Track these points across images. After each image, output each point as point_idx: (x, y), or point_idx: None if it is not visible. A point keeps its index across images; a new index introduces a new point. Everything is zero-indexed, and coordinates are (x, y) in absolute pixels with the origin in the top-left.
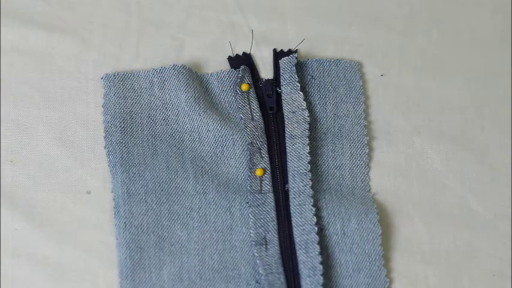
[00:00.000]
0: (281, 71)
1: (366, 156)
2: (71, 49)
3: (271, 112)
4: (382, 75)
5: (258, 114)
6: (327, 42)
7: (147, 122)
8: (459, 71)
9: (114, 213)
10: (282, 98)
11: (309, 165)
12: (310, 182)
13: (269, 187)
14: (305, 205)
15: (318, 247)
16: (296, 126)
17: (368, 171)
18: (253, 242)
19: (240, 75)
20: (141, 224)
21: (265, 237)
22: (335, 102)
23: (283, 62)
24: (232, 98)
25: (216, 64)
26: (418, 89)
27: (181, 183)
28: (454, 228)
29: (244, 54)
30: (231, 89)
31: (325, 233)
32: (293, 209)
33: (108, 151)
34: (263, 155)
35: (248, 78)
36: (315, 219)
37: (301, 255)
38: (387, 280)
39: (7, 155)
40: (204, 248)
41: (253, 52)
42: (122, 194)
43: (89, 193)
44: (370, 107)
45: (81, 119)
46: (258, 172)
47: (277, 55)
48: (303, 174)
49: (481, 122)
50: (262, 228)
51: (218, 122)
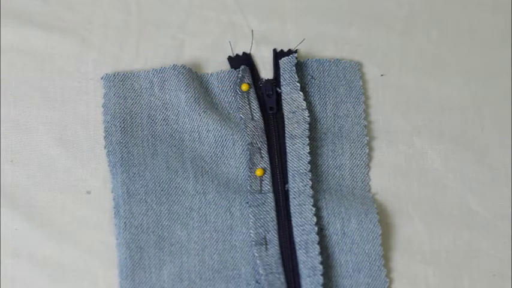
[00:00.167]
0: (281, 71)
1: (366, 156)
2: (71, 49)
3: (271, 112)
4: (382, 75)
5: (258, 114)
6: (327, 42)
7: (147, 122)
8: (459, 71)
9: (114, 213)
10: (282, 98)
11: (309, 165)
12: (310, 182)
13: (269, 187)
14: (305, 205)
15: (318, 247)
16: (296, 126)
17: (368, 171)
18: (253, 242)
19: (240, 75)
20: (141, 224)
21: (265, 237)
22: (335, 102)
23: (283, 62)
24: (232, 98)
25: (216, 64)
26: (418, 89)
27: (181, 183)
28: (454, 228)
29: (244, 54)
30: (231, 89)
31: (325, 233)
32: (293, 209)
33: (108, 151)
34: (263, 155)
35: (248, 78)
36: (315, 219)
37: (301, 255)
38: (387, 280)
39: (7, 155)
40: (204, 248)
41: (253, 52)
42: (122, 194)
43: (89, 193)
44: (370, 107)
45: (81, 119)
46: (258, 172)
47: (277, 55)
48: (303, 174)
49: (481, 122)
50: (262, 228)
51: (218, 122)
